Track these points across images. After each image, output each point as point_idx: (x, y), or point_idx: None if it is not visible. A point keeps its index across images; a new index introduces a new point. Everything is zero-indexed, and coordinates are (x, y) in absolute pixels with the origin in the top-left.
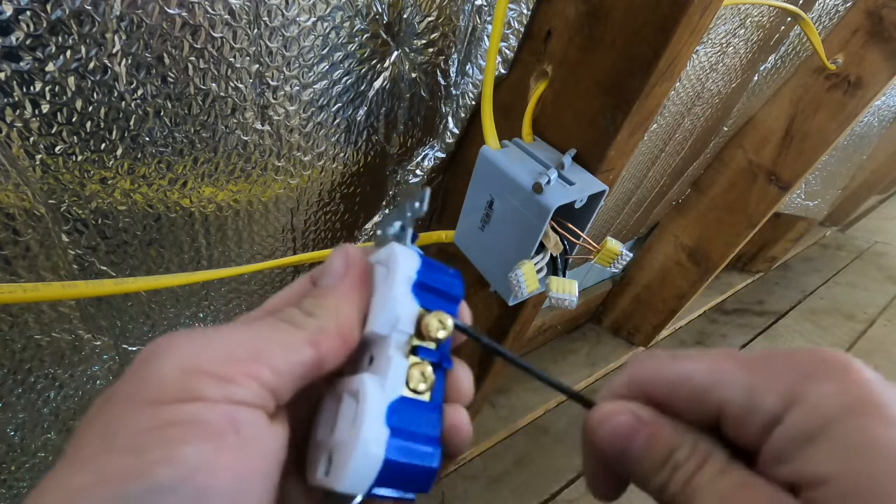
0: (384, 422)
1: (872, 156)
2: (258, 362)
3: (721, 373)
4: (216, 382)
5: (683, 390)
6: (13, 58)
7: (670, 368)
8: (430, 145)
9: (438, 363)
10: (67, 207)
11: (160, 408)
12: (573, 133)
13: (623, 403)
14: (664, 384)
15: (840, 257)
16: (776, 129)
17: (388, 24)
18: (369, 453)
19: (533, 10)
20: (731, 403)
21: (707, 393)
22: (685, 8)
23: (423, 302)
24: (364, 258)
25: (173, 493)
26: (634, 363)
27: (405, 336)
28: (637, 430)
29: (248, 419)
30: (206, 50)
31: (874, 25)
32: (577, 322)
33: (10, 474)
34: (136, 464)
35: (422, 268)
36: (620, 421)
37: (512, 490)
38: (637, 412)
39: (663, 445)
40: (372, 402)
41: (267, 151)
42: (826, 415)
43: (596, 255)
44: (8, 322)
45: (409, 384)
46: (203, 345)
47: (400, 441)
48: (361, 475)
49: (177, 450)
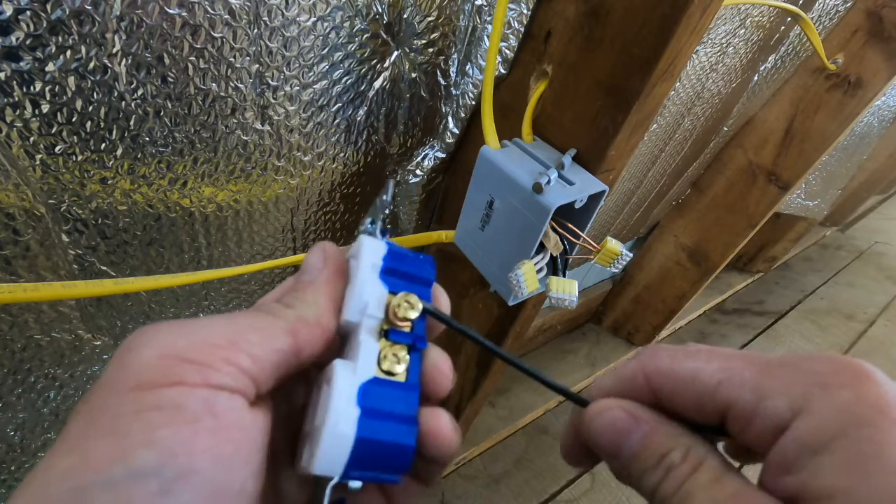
0: (355, 402)
1: (872, 156)
2: (237, 349)
3: (731, 371)
4: (195, 368)
5: (691, 387)
6: (13, 58)
7: (681, 364)
8: (430, 145)
9: (412, 344)
10: (67, 207)
11: (141, 393)
12: (573, 133)
13: (621, 401)
14: (672, 380)
15: (840, 257)
16: (776, 129)
17: (388, 24)
18: (339, 432)
19: (533, 10)
20: (738, 403)
21: (715, 391)
22: (685, 8)
23: (391, 286)
24: (340, 253)
25: (154, 474)
26: (645, 355)
27: (375, 321)
28: (633, 429)
29: (226, 404)
30: (206, 50)
31: (874, 25)
32: (577, 322)
33: (10, 474)
34: (118, 447)
35: (388, 255)
36: (617, 416)
37: (512, 490)
38: (634, 411)
39: (658, 445)
40: (340, 384)
41: (267, 151)
42: (836, 426)
43: (596, 255)
44: (8, 322)
45: (382, 366)
46: (183, 333)
47: (372, 420)
48: (334, 455)
49: (156, 433)
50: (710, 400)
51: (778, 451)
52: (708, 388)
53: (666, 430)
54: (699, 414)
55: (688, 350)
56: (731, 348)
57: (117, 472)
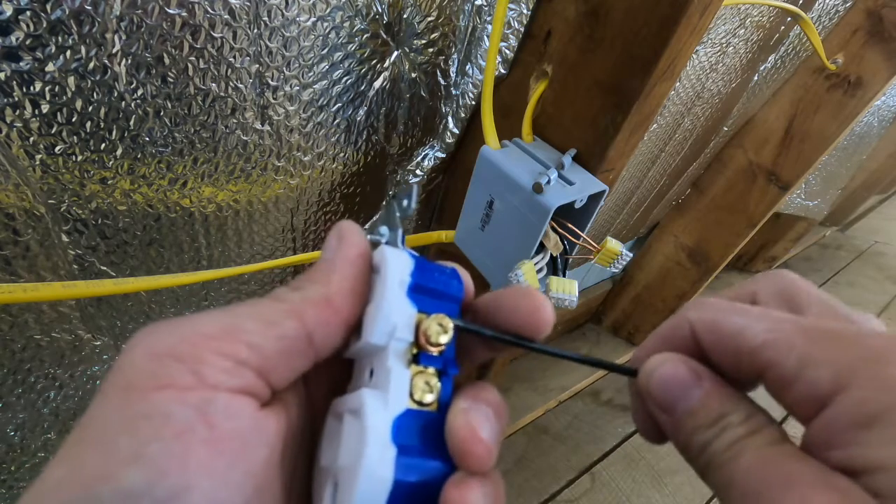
0: (390, 439)
1: (872, 156)
2: (232, 339)
3: (779, 333)
4: (186, 366)
5: (732, 343)
6: (13, 58)
7: (727, 318)
8: (430, 145)
9: (443, 370)
10: (67, 207)
11: (130, 398)
12: (573, 133)
13: (679, 355)
14: (716, 334)
15: (840, 257)
16: (776, 129)
17: (388, 24)
18: (377, 476)
19: (533, 10)
20: (780, 367)
21: (757, 351)
22: (685, 8)
23: (420, 306)
24: (360, 232)
25: (144, 495)
26: (691, 305)
27: (404, 344)
28: (692, 384)
29: (224, 409)
30: (206, 50)
31: (874, 25)
32: (576, 322)
33: (10, 474)
34: (105, 463)
35: (416, 269)
36: (678, 370)
37: (512, 490)
38: (695, 367)
39: (718, 405)
40: (375, 420)
41: (267, 151)
42: (887, 399)
43: (596, 255)
44: (8, 322)
45: (414, 396)
46: (175, 328)
47: (409, 459)
48: (370, 500)
49: (144, 448)
50: (749, 358)
51: (821, 424)
52: (750, 347)
53: (727, 392)
54: (734, 369)
55: (737, 307)
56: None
57: (104, 493)
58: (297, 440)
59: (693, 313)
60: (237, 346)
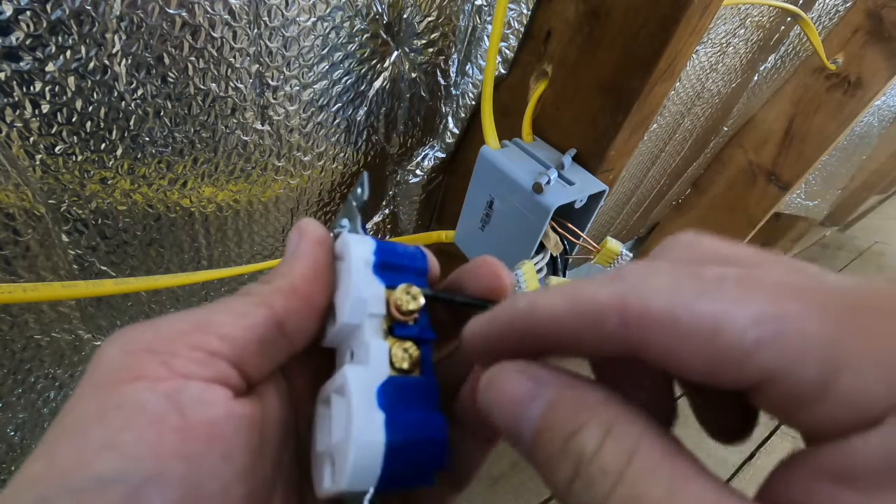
0: (376, 406)
1: (872, 156)
2: (203, 331)
3: (782, 321)
4: (158, 358)
5: (705, 349)
6: (13, 58)
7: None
8: (430, 145)
9: (419, 336)
10: (67, 207)
11: (103, 391)
12: (573, 133)
13: (518, 362)
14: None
15: (840, 257)
16: (776, 129)
17: (388, 24)
18: (368, 442)
19: (533, 10)
20: (788, 380)
21: (748, 357)
22: (685, 8)
23: (387, 281)
24: (317, 224)
25: (118, 482)
26: (627, 283)
27: (377, 319)
28: (530, 397)
29: (195, 397)
30: (206, 50)
31: (874, 25)
32: None
33: (10, 474)
34: (79, 453)
35: (378, 249)
36: (510, 382)
37: (512, 490)
38: (535, 372)
39: (564, 419)
40: (358, 390)
41: (267, 151)
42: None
43: (596, 255)
44: (8, 322)
45: (394, 364)
46: (148, 326)
47: (398, 420)
48: (366, 467)
49: (117, 436)
50: (736, 368)
51: (848, 452)
52: (737, 353)
53: (574, 396)
54: (713, 382)
55: (703, 276)
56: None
57: (81, 479)
58: (278, 431)
59: (630, 299)
60: (208, 337)
